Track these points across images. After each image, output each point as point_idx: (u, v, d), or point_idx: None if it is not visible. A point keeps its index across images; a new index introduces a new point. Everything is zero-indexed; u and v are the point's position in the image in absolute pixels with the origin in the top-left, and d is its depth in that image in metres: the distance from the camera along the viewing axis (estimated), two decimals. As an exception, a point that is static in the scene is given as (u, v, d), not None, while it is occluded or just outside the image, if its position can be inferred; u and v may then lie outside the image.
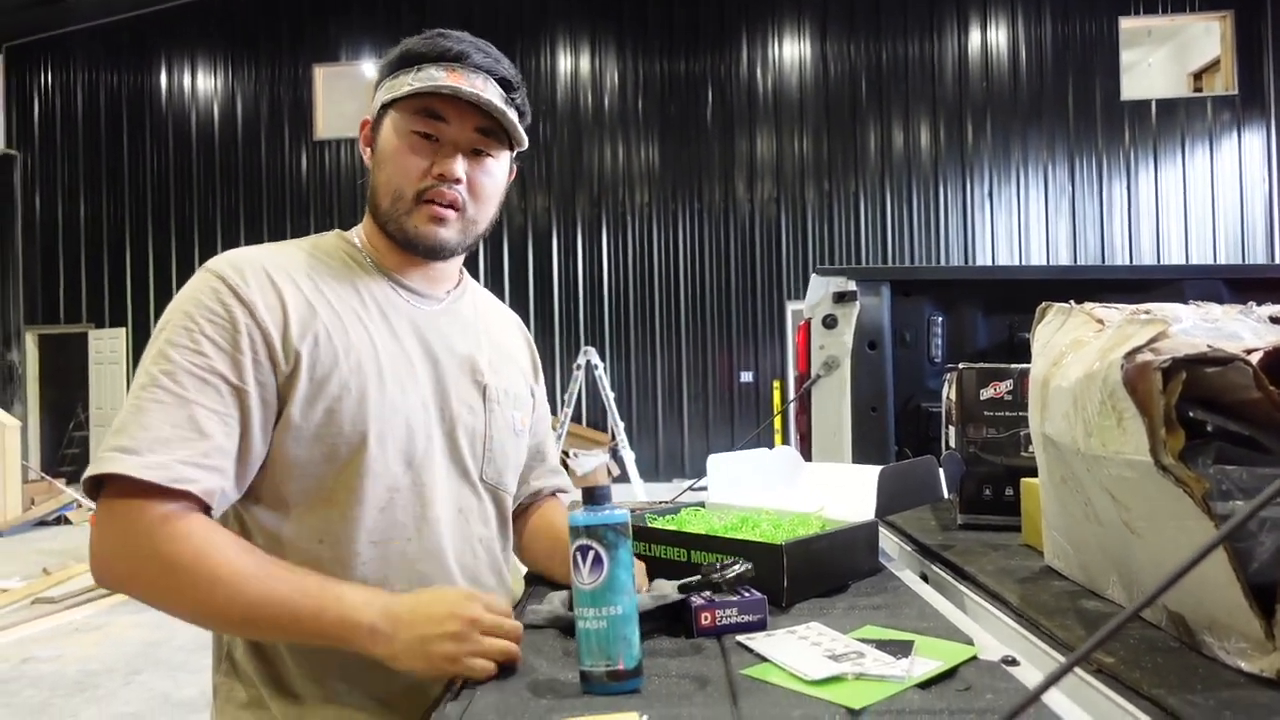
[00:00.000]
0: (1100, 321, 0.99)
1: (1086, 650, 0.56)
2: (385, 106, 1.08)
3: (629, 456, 8.51)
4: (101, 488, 0.92)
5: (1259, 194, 10.70)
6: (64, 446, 12.07)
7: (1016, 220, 10.84)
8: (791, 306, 10.92)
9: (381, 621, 0.89)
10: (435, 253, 1.10)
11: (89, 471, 0.91)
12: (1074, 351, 0.97)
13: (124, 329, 11.54)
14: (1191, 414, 0.80)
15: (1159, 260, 10.65)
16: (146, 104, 11.75)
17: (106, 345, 11.54)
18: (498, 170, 1.11)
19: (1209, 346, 0.83)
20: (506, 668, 0.87)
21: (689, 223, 11.08)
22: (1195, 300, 1.59)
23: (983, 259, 10.83)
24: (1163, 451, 0.77)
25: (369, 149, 1.12)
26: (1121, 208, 10.76)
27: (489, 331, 1.22)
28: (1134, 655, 0.87)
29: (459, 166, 1.06)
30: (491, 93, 1.06)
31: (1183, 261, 10.52)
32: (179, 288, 1.00)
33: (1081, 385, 0.87)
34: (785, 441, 9.57)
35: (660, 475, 10.79)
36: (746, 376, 10.99)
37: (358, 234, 1.15)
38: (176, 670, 4.22)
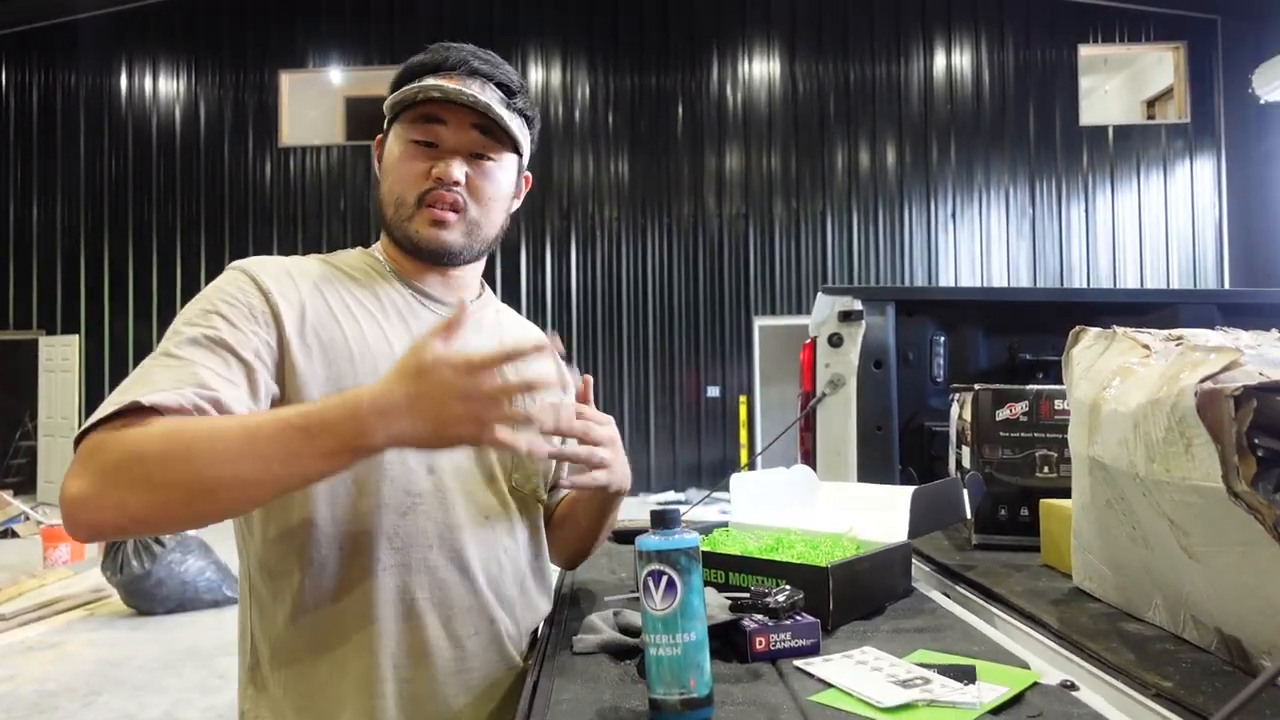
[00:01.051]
0: (1146, 347, 1.00)
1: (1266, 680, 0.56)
2: (392, 121, 1.10)
3: (598, 471, 8.47)
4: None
5: (1209, 219, 11.05)
6: (10, 456, 11.69)
7: (979, 240, 11.05)
8: (759, 322, 11.00)
9: (385, 413, 0.82)
10: (440, 256, 1.09)
11: (78, 432, 0.85)
12: (1124, 377, 0.98)
13: (77, 336, 11.21)
14: (1256, 441, 0.82)
15: (1115, 282, 10.93)
16: (105, 106, 11.47)
17: (58, 352, 11.20)
18: (499, 173, 1.11)
19: (1261, 374, 0.84)
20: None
21: (658, 237, 11.11)
22: (1189, 324, 1.62)
23: (945, 278, 11.02)
24: (1235, 478, 0.78)
25: (380, 166, 1.14)
26: (1080, 230, 11.04)
27: (508, 334, 1.22)
28: (1190, 679, 0.87)
29: (456, 169, 1.06)
30: (490, 96, 1.06)
31: (1138, 283, 10.82)
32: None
33: (1145, 411, 0.87)
34: (752, 460, 9.61)
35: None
36: (714, 391, 11.02)
37: (377, 249, 1.16)
38: (139, 690, 4.08)
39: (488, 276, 1.25)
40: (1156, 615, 1.03)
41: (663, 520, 0.82)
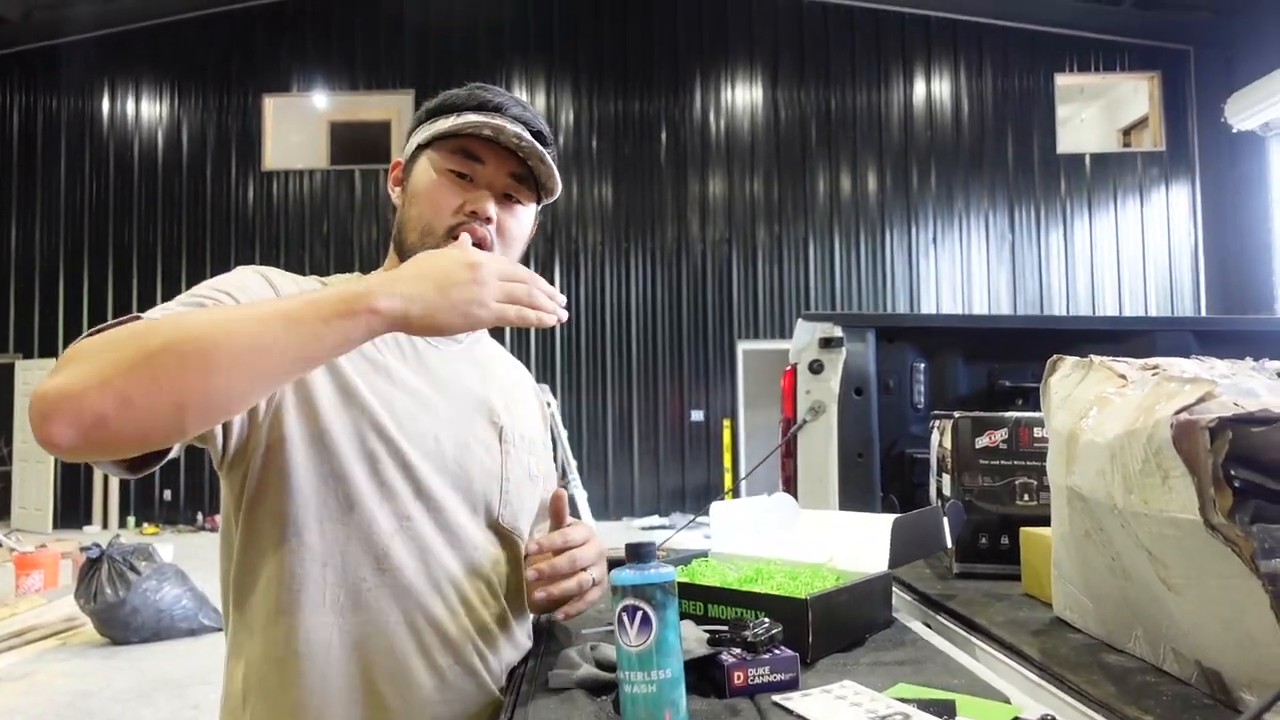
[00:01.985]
0: (1123, 376, 1.00)
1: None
2: (421, 147, 1.10)
3: (581, 496, 8.42)
4: None
5: (1185, 246, 11.20)
6: (-17, 482, 11.51)
7: (960, 266, 11.16)
8: (742, 346, 11.03)
9: (391, 284, 0.83)
10: None
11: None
12: (1101, 407, 0.98)
13: (54, 360, 11.07)
14: (1233, 472, 0.82)
15: (1094, 308, 11.04)
16: (86, 129, 11.43)
17: (35, 376, 11.06)
18: (525, 217, 1.13)
19: (1235, 404, 0.85)
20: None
21: (642, 262, 11.15)
22: (1165, 351, 1.63)
23: (927, 303, 11.11)
24: (1212, 510, 0.77)
25: (399, 188, 1.13)
26: (1059, 256, 11.16)
27: (504, 377, 1.23)
28: (1171, 712, 0.87)
29: (491, 206, 1.07)
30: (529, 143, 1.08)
31: (1116, 308, 10.93)
32: (116, 316, 0.92)
33: (1121, 441, 0.87)
34: (735, 486, 9.59)
35: (610, 513, 10.71)
36: (697, 415, 11.02)
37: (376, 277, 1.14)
38: (111, 722, 4.00)
39: None
40: (1137, 647, 1.02)
41: (638, 554, 0.80)
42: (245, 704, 1.00)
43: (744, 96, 11.34)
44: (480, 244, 1.06)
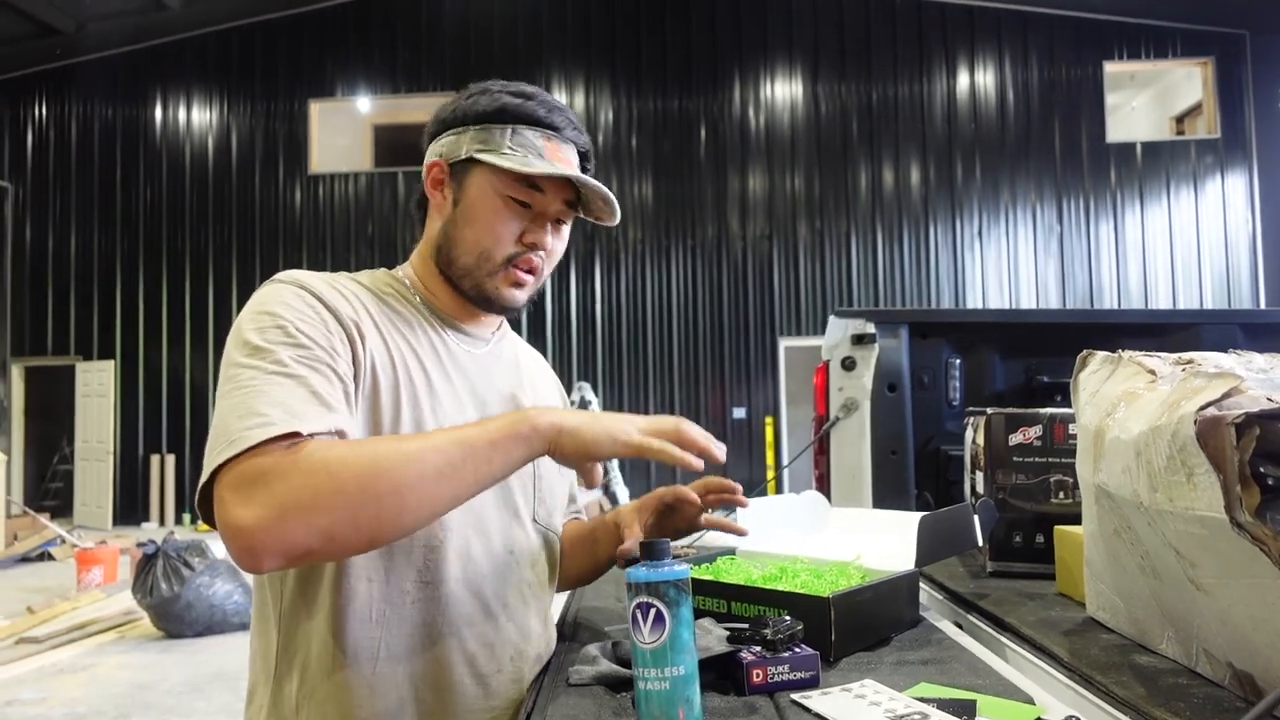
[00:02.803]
0: (1152, 372, 0.98)
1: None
2: (475, 160, 1.07)
3: (622, 493, 8.45)
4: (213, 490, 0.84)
5: (1243, 236, 10.87)
6: (48, 480, 11.90)
7: (1006, 259, 10.96)
8: (784, 343, 10.96)
9: (549, 409, 0.94)
10: (506, 312, 1.14)
11: (221, 457, 0.82)
12: (1128, 403, 0.96)
13: (112, 361, 11.43)
14: (1262, 469, 0.79)
15: (1146, 301, 10.77)
16: (141, 137, 11.76)
17: (94, 378, 11.42)
18: (566, 233, 1.14)
19: (1269, 399, 0.82)
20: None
21: (682, 259, 11.14)
22: (1211, 345, 1.59)
23: (973, 298, 10.93)
24: (1239, 509, 0.75)
25: (439, 192, 1.11)
26: (1109, 248, 10.90)
27: (530, 373, 1.23)
28: (1200, 716, 0.85)
29: (550, 239, 1.09)
30: (577, 166, 1.10)
31: (1170, 302, 10.65)
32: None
33: (1146, 439, 0.86)
34: (779, 484, 9.54)
35: (652, 512, 10.71)
36: (739, 413, 10.98)
37: (406, 274, 1.15)
38: (168, 713, 4.11)
39: None
40: (1169, 648, 1.00)
41: (652, 551, 0.81)
42: (295, 710, 1.00)
43: (784, 91, 11.26)
44: (532, 271, 1.09)
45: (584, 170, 1.12)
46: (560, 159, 1.07)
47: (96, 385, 11.41)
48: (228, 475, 0.82)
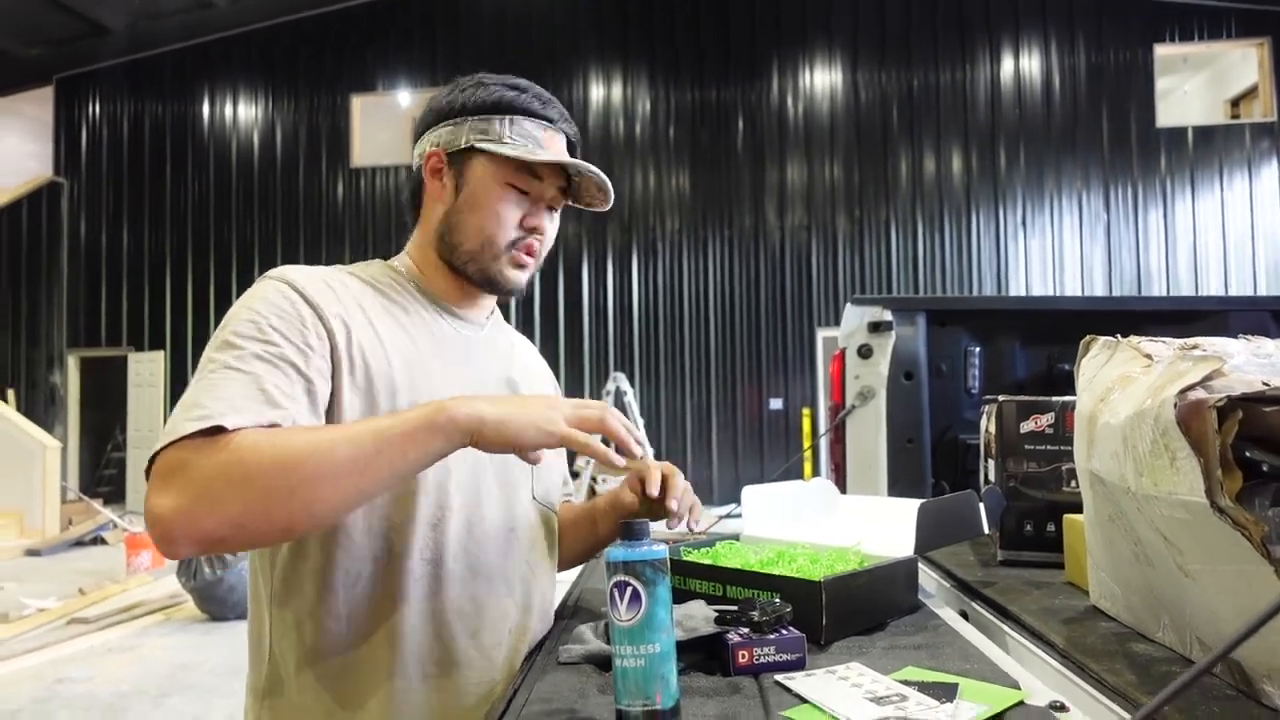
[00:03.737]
0: (1149, 356, 0.97)
1: (1156, 706, 0.54)
2: (476, 149, 1.10)
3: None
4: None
5: (1300, 222, 10.53)
6: (102, 468, 12.27)
7: (1051, 248, 10.74)
8: (822, 334, 10.88)
9: (471, 399, 0.92)
10: (510, 294, 1.17)
11: (156, 446, 0.86)
12: (1121, 387, 0.94)
13: (162, 352, 11.74)
14: (1248, 454, 0.78)
15: (1197, 290, 10.49)
16: (188, 133, 12.05)
17: (145, 368, 11.75)
18: (558, 219, 1.20)
19: (1264, 384, 0.81)
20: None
21: (719, 250, 11.10)
22: (1243, 333, 1.56)
23: (1016, 288, 10.73)
24: (1219, 493, 0.74)
25: (438, 180, 1.13)
26: (1159, 236, 10.63)
27: (522, 356, 1.27)
28: (1188, 703, 0.84)
29: (547, 221, 1.14)
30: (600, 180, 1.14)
31: (1222, 291, 10.35)
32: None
33: (1132, 423, 0.85)
34: (816, 472, 9.48)
35: (689, 503, 10.72)
36: (776, 404, 10.93)
37: (402, 263, 1.18)
38: (208, 694, 4.23)
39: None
40: (1166, 636, 0.98)
41: (630, 532, 0.82)
42: (299, 691, 1.02)
43: (822, 80, 11.14)
44: (529, 253, 1.13)
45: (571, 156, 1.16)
46: (556, 148, 1.13)
47: (147, 375, 11.73)
48: (157, 464, 0.86)
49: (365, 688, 1.01)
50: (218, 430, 0.85)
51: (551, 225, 1.16)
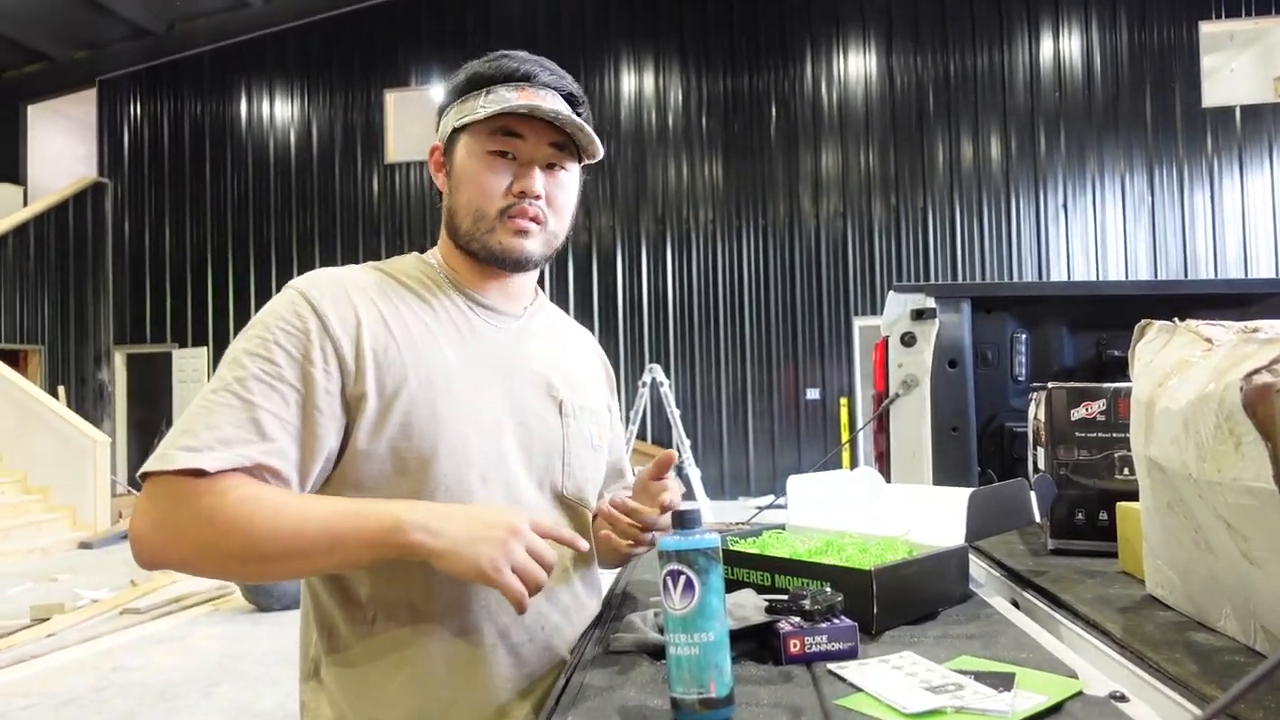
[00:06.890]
0: (1209, 340, 0.95)
1: (1234, 697, 0.53)
2: (457, 130, 1.11)
3: (695, 474, 8.46)
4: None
5: (1354, 201, 10.22)
6: (149, 462, 12.53)
7: (1093, 232, 10.54)
8: (859, 323, 10.78)
9: (428, 518, 0.91)
10: (521, 265, 1.12)
11: (148, 466, 0.92)
12: (1180, 372, 0.92)
13: (205, 348, 11.98)
14: (1316, 438, 0.76)
15: (1246, 272, 10.22)
16: (227, 132, 12.24)
17: (189, 364, 12.00)
18: (570, 183, 1.14)
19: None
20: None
21: (754, 239, 11.04)
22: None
23: (1057, 273, 10.55)
24: (1288, 478, 0.73)
25: (441, 174, 1.15)
26: (1205, 218, 10.38)
27: (564, 347, 1.24)
28: (1255, 694, 0.82)
29: (538, 182, 1.09)
30: (561, 107, 1.09)
31: (1273, 274, 10.08)
32: (257, 308, 1.03)
33: (1193, 408, 0.83)
34: (854, 463, 9.41)
35: (726, 494, 10.72)
36: (813, 394, 10.86)
37: (434, 256, 1.18)
38: (256, 682, 4.32)
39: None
40: (1228, 625, 0.96)
41: (683, 520, 0.82)
42: (329, 671, 1.06)
43: (856, 65, 11.01)
44: (534, 219, 1.09)
45: (579, 112, 1.12)
46: (535, 104, 1.07)
47: (191, 371, 11.97)
48: (147, 484, 0.93)
49: (392, 678, 1.02)
50: (200, 474, 0.90)
51: (556, 188, 1.11)
